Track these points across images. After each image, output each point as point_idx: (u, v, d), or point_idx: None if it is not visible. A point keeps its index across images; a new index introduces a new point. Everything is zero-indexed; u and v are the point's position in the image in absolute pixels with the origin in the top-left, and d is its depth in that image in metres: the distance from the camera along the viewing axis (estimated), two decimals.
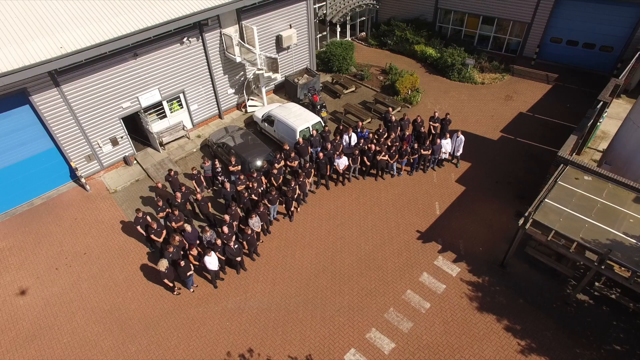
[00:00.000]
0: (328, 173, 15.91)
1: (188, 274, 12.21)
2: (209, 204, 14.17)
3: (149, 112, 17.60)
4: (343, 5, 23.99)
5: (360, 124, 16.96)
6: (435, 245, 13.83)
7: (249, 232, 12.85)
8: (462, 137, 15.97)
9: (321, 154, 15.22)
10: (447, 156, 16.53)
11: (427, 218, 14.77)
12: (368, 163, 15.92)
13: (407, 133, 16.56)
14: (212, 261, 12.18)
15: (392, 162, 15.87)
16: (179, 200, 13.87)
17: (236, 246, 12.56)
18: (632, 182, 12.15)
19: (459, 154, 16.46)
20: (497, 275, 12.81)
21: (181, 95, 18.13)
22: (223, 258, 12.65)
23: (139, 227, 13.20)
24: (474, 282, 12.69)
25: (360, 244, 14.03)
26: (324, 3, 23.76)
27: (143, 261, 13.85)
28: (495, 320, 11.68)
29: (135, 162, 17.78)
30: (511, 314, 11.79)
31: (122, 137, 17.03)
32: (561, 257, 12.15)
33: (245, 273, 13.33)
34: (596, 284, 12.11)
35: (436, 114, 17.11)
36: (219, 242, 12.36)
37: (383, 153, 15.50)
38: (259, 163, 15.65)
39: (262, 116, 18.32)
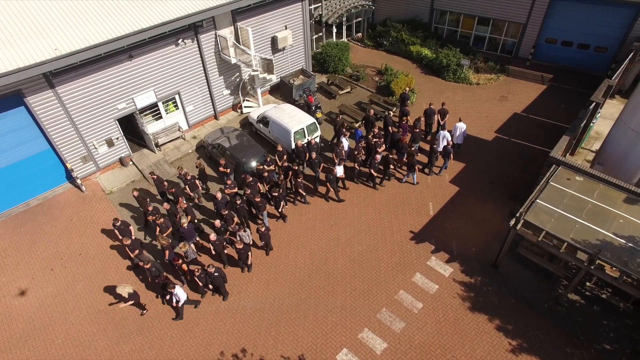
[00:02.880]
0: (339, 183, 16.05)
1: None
2: (189, 217, 13.86)
3: (144, 113, 17.66)
4: (339, 7, 24.04)
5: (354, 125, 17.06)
6: (428, 245, 13.90)
7: (240, 245, 12.55)
8: (462, 124, 16.35)
9: (340, 172, 15.16)
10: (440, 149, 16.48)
11: (420, 219, 14.84)
12: (375, 173, 15.60)
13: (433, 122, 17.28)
14: (181, 293, 11.77)
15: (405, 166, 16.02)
16: (168, 209, 13.94)
17: (216, 274, 11.84)
18: (623, 182, 12.24)
19: (460, 141, 16.70)
20: (489, 276, 12.89)
21: (176, 97, 18.18)
22: (210, 287, 12.34)
23: (116, 231, 13.40)
24: (467, 282, 12.77)
25: (354, 244, 14.09)
26: (320, 4, 23.82)
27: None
28: (487, 320, 11.76)
29: (131, 163, 17.84)
30: (503, 314, 11.87)
31: (117, 138, 17.08)
32: (553, 257, 12.23)
33: (239, 274, 13.39)
34: (587, 284, 12.20)
35: (431, 105, 17.59)
36: (197, 271, 11.98)
37: (394, 159, 15.59)
38: (253, 164, 15.72)
39: (257, 117, 18.39)
